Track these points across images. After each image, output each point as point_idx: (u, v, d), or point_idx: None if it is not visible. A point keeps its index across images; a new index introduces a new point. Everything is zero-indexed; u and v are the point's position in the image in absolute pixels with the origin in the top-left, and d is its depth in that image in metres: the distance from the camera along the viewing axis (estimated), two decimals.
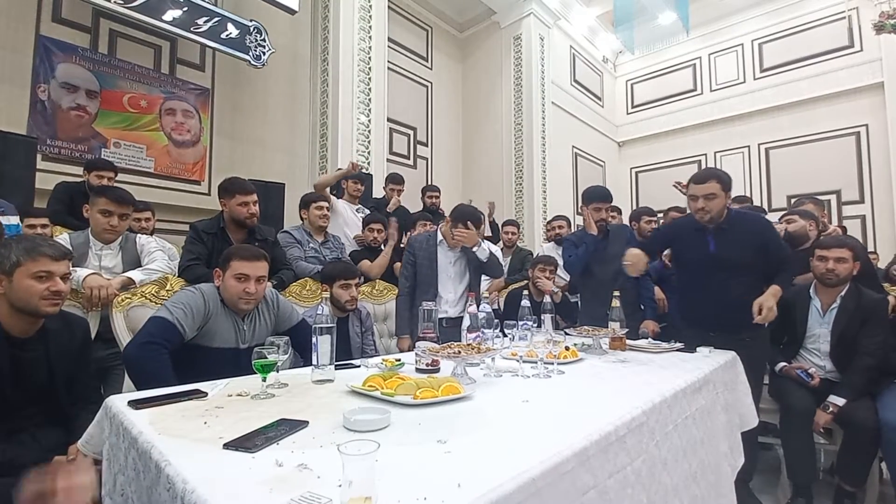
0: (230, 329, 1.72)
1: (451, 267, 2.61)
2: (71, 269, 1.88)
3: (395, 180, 4.23)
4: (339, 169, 3.80)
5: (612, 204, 2.72)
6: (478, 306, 1.74)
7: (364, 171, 4.81)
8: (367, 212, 3.87)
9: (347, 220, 3.59)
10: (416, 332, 2.15)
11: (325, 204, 2.98)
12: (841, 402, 2.10)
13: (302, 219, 3.02)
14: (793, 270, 2.21)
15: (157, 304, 1.96)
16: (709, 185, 2.09)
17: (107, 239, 2.16)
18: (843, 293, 2.29)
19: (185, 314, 1.60)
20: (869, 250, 5.36)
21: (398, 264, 3.21)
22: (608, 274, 2.58)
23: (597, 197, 2.66)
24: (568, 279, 3.75)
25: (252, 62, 4.79)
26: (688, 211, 2.32)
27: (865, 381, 2.15)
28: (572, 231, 4.32)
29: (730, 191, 2.14)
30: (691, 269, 2.28)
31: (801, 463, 2.16)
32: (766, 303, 1.98)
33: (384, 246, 3.29)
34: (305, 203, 2.97)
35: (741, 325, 2.07)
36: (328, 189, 3.55)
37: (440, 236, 2.60)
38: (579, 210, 8.13)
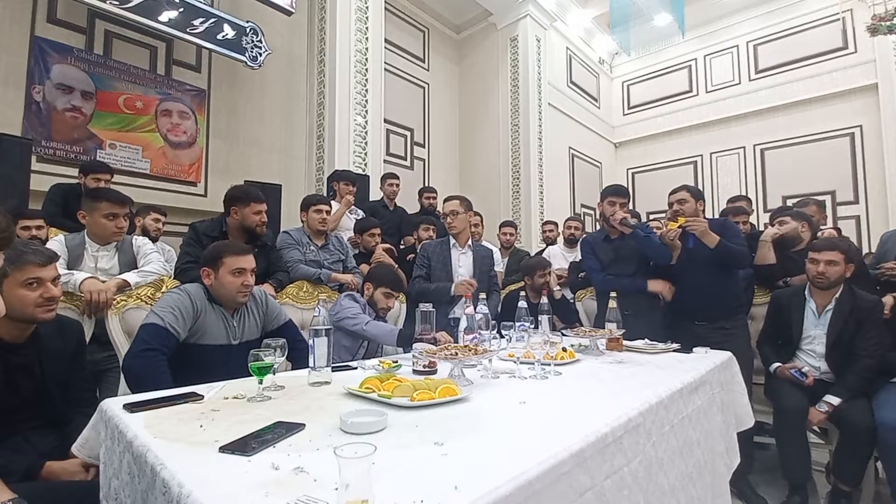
0: (220, 326, 1.73)
1: (462, 269, 2.74)
2: (65, 271, 1.88)
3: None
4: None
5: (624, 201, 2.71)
6: (475, 307, 1.74)
7: (361, 172, 4.81)
8: (361, 213, 3.86)
9: (341, 224, 3.58)
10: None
11: (324, 207, 2.93)
12: (836, 401, 2.11)
13: (302, 221, 3.00)
14: (745, 256, 2.52)
15: (153, 305, 1.95)
16: (679, 193, 2.58)
17: (113, 241, 2.16)
18: (837, 295, 2.30)
19: (175, 317, 1.60)
20: (864, 251, 5.38)
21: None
22: (626, 270, 2.64)
23: (610, 192, 2.72)
24: (567, 275, 3.77)
25: (248, 63, 4.78)
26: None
27: (864, 382, 2.16)
28: (573, 231, 4.35)
29: (699, 199, 2.59)
30: (677, 265, 2.58)
31: (796, 462, 2.17)
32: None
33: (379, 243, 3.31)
34: (305, 205, 2.95)
35: (720, 312, 2.48)
36: (327, 194, 3.56)
37: (452, 240, 2.79)
38: (575, 211, 8.18)
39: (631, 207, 4.61)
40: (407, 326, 2.57)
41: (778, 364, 2.35)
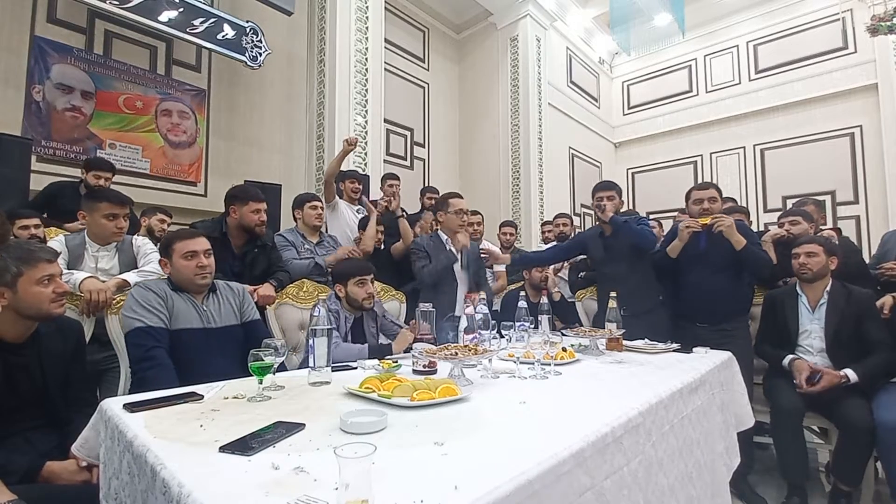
0: (190, 310, 1.74)
1: (457, 265, 2.73)
2: (65, 270, 1.88)
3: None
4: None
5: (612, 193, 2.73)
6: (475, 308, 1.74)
7: (362, 171, 4.80)
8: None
9: (349, 221, 3.59)
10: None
11: (318, 203, 2.95)
12: (854, 377, 2.10)
13: (296, 219, 3.00)
14: (768, 262, 2.51)
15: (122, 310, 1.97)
16: (710, 191, 2.58)
17: (113, 241, 2.17)
18: (828, 288, 2.32)
19: (147, 311, 1.62)
20: (864, 251, 5.38)
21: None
22: (621, 268, 2.63)
23: (599, 187, 2.78)
24: (567, 278, 3.77)
25: (248, 63, 4.77)
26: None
27: (881, 371, 2.15)
28: (571, 228, 4.40)
29: (723, 199, 2.65)
30: (682, 265, 2.58)
31: (794, 462, 2.17)
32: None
33: (383, 245, 3.30)
34: (299, 203, 2.96)
35: (724, 316, 2.48)
36: (334, 188, 3.56)
37: (444, 235, 2.78)
38: (575, 211, 8.17)
39: (630, 207, 4.58)
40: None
41: (793, 356, 2.30)
